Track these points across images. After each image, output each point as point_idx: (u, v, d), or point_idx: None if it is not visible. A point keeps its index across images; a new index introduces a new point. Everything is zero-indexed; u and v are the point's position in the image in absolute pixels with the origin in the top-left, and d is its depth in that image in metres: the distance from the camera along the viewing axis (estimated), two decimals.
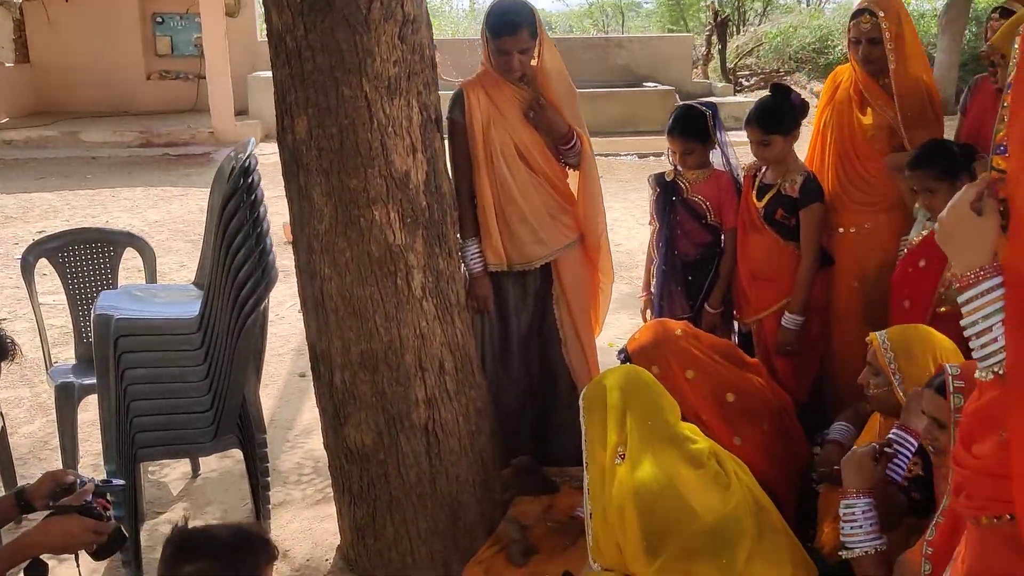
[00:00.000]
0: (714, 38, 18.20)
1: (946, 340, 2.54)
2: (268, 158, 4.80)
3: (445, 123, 3.17)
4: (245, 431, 3.01)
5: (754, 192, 3.37)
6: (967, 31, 15.28)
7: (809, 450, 2.99)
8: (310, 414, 4.35)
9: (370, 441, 2.86)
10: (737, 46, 18.83)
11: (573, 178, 3.34)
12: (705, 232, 3.46)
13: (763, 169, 3.37)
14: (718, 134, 3.41)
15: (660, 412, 2.37)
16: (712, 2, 20.51)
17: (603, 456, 2.35)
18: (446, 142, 3.12)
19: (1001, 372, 1.34)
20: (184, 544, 1.73)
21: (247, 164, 2.75)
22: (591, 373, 3.43)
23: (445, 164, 2.99)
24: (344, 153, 2.71)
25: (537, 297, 3.35)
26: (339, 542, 3.13)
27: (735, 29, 20.06)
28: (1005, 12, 2.90)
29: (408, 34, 2.75)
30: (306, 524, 3.31)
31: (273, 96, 2.85)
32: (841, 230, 3.34)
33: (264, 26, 3.65)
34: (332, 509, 3.37)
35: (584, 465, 2.44)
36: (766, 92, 3.54)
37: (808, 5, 23.23)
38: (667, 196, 3.48)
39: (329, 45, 2.64)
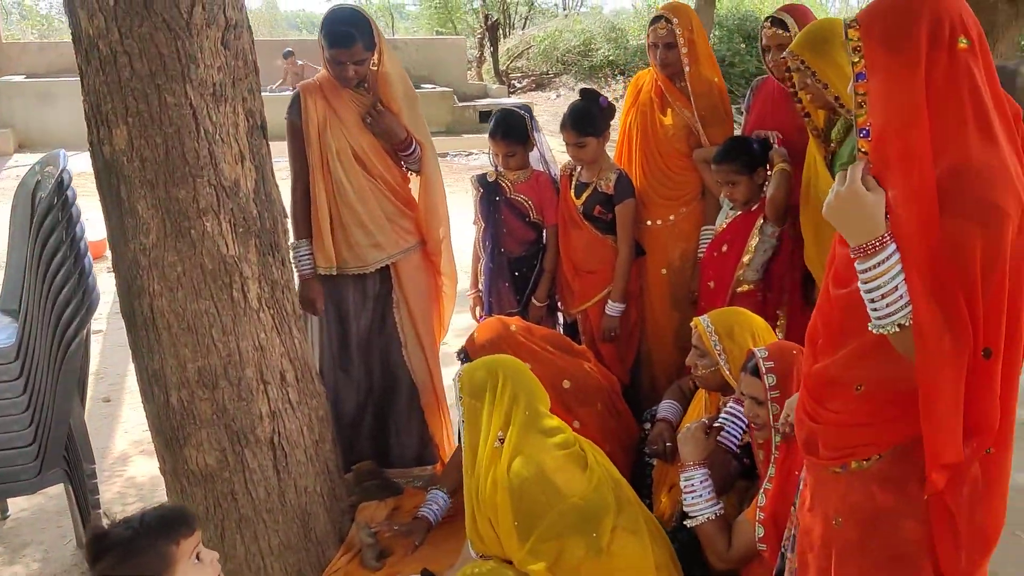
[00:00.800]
0: (486, 41, 18.67)
1: (759, 319, 2.81)
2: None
3: (286, 124, 3.12)
4: (72, 463, 2.81)
5: (572, 190, 3.54)
6: (711, 36, 16.59)
7: (638, 428, 3.19)
8: (123, 439, 4.12)
9: (213, 461, 2.76)
10: (507, 49, 19.42)
11: (416, 182, 3.37)
12: (529, 229, 3.60)
13: (578, 169, 3.55)
14: (536, 136, 3.55)
15: (537, 401, 2.47)
16: (481, 6, 21.03)
17: (480, 439, 2.42)
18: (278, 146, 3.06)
19: (907, 323, 1.51)
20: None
21: (61, 179, 2.57)
22: (433, 376, 3.48)
23: (272, 171, 2.93)
24: (170, 163, 2.60)
25: (377, 300, 3.35)
26: None
27: (504, 32, 20.67)
28: (776, 22, 3.22)
29: (231, 39, 2.68)
30: None
31: (84, 104, 2.68)
32: (649, 223, 3.58)
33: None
34: None
35: (461, 446, 2.49)
36: (539, 92, 3.78)
37: (566, 11, 24.30)
38: (490, 196, 3.58)
39: (149, 51, 2.52)
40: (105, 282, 3.69)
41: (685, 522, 2.47)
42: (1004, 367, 1.57)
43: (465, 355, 3.03)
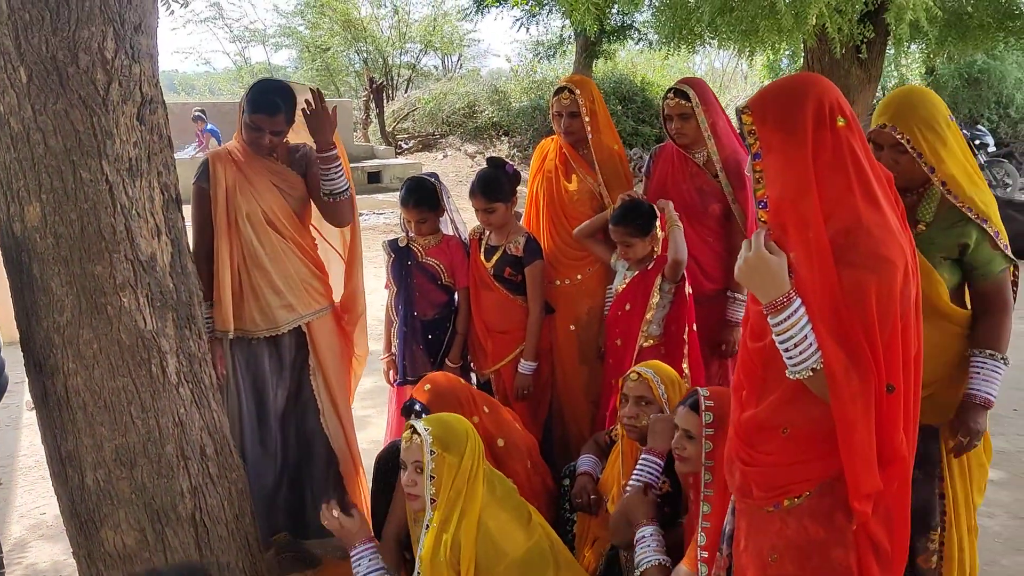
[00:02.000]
0: (371, 103, 18.81)
1: (675, 372, 2.97)
2: None
3: (193, 189, 3.12)
4: None
5: (482, 253, 3.64)
6: None
7: (556, 483, 3.27)
8: (19, 524, 3.93)
9: (132, 541, 2.69)
10: (393, 111, 19.61)
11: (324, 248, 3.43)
12: (441, 292, 3.67)
13: (487, 232, 3.66)
14: (446, 201, 3.65)
15: (482, 458, 2.52)
16: (363, 69, 21.20)
17: (449, 492, 2.44)
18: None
19: (818, 367, 1.70)
20: None
21: None
22: (349, 442, 3.48)
23: (187, 243, 2.92)
24: (86, 239, 2.57)
25: (293, 368, 3.35)
26: None
27: (388, 95, 20.89)
28: (679, 92, 3.43)
29: (147, 115, 2.69)
30: None
31: None
32: (557, 283, 3.73)
33: None
34: None
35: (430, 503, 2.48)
36: (426, 153, 3.96)
37: (447, 72, 24.76)
38: (402, 261, 3.65)
39: (64, 127, 2.51)
40: None
41: (637, 570, 2.51)
42: (904, 399, 1.76)
43: (422, 406, 3.01)
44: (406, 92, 21.90)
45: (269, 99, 3.14)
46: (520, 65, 21.25)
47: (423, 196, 3.57)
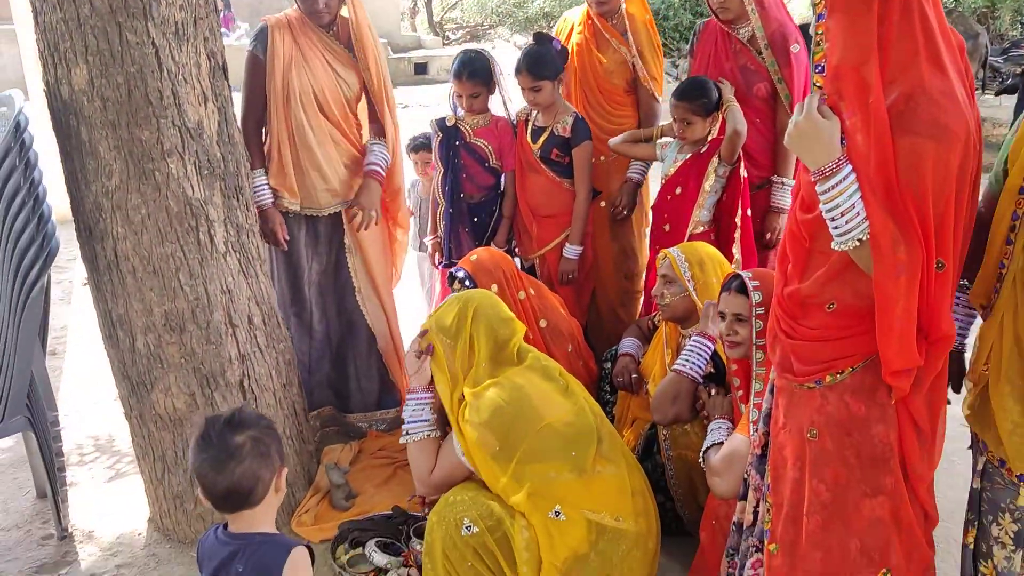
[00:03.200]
0: None
1: (720, 254, 2.91)
2: None
3: (247, 56, 3.08)
4: (35, 411, 2.77)
5: (528, 135, 3.57)
6: None
7: (599, 366, 3.28)
8: (73, 391, 4.06)
9: (182, 404, 2.76)
10: (442, 0, 19.16)
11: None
12: (488, 174, 3.61)
13: (534, 113, 3.57)
14: (499, 79, 3.56)
15: (509, 331, 2.52)
16: None
17: (454, 373, 2.46)
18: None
19: (864, 238, 1.64)
20: (231, 419, 1.83)
21: (18, 121, 2.50)
22: (390, 321, 3.50)
23: (234, 113, 2.89)
24: (133, 103, 2.55)
25: (329, 244, 3.36)
26: (148, 515, 2.98)
27: None
28: None
29: None
30: (104, 503, 3.11)
31: (39, 43, 2.61)
32: (592, 160, 3.63)
33: None
34: (126, 485, 3.23)
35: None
36: (474, 44, 3.81)
37: None
38: (449, 141, 3.59)
39: None
40: None
41: (706, 452, 2.50)
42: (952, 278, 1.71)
43: (466, 274, 3.02)
44: None
45: None
46: None
47: (477, 69, 3.48)
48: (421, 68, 15.52)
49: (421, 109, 12.42)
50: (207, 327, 2.73)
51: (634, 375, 2.98)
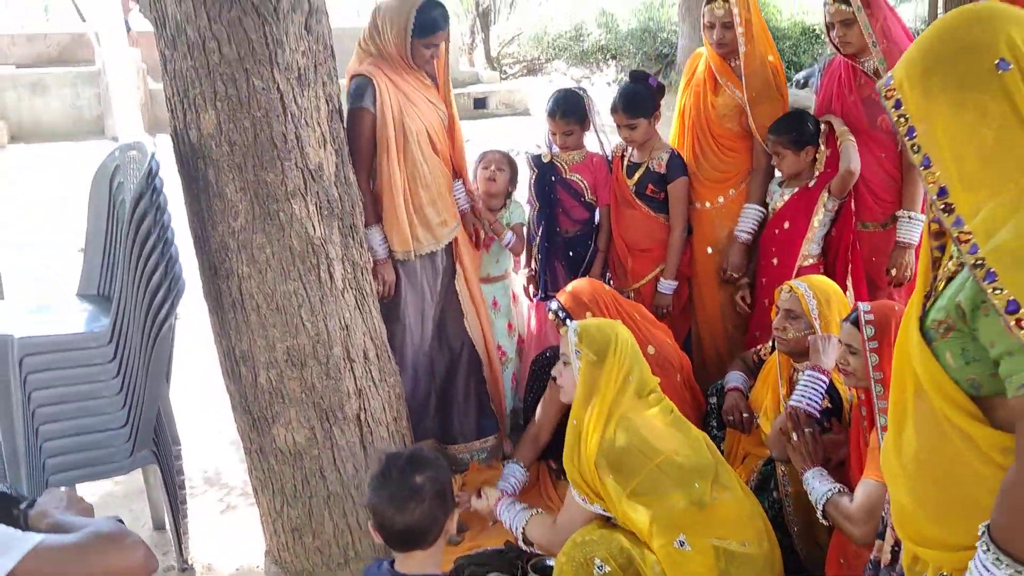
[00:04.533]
0: (476, 27, 18.62)
1: (841, 291, 2.91)
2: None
3: (348, 112, 3.16)
4: (160, 444, 2.86)
5: (624, 170, 3.60)
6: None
7: (705, 400, 3.27)
8: (183, 423, 4.14)
9: (302, 438, 2.81)
10: (498, 34, 19.36)
11: None
12: (583, 209, 3.66)
13: (630, 149, 3.61)
14: (593, 115, 3.61)
15: (645, 370, 2.55)
16: None
17: (595, 395, 2.48)
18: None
19: None
20: (411, 458, 1.93)
21: (151, 167, 2.60)
22: (488, 344, 3.55)
23: (348, 154, 2.97)
24: (259, 146, 2.64)
25: (444, 275, 3.44)
26: (265, 548, 3.04)
27: (493, 18, 20.63)
28: None
29: (313, 24, 2.72)
30: (223, 535, 3.18)
31: (167, 90, 2.72)
32: (698, 205, 3.64)
33: None
34: (242, 517, 3.29)
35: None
36: (531, 78, 3.90)
37: None
38: (545, 176, 3.64)
39: (237, 35, 2.56)
40: None
41: (822, 520, 2.47)
42: None
43: (560, 306, 3.09)
44: (510, 15, 21.59)
45: (441, 14, 3.20)
46: None
47: (571, 107, 3.54)
48: (480, 103, 15.66)
49: (483, 144, 12.54)
50: (327, 362, 2.80)
51: (744, 413, 2.97)
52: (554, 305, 3.09)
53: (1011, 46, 1.39)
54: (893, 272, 3.30)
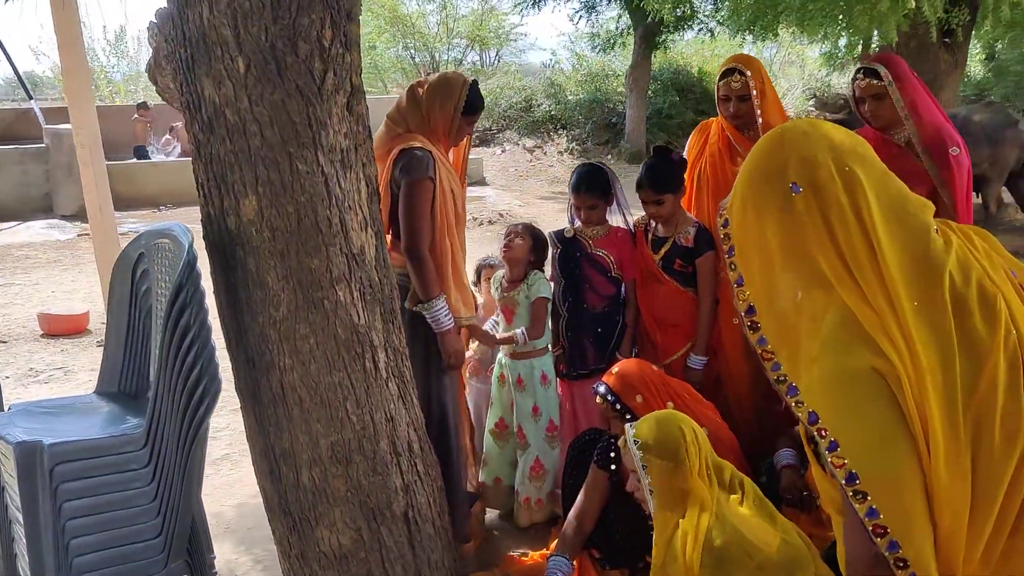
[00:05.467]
0: None
1: None
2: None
3: (411, 183, 3.07)
4: (194, 553, 2.64)
5: (649, 245, 3.55)
6: (648, 89, 17.11)
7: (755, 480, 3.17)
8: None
9: (348, 540, 2.63)
10: None
11: None
12: (610, 284, 3.59)
13: (653, 223, 3.57)
14: (617, 190, 3.57)
15: (711, 457, 2.44)
16: (414, 66, 21.15)
17: (676, 502, 2.37)
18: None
19: None
20: None
21: (190, 256, 2.46)
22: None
23: (384, 236, 2.86)
24: (302, 232, 2.51)
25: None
26: None
27: None
28: (869, 72, 3.28)
29: (354, 105, 2.63)
30: None
31: (200, 175, 2.58)
32: (723, 276, 3.59)
33: None
34: None
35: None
36: (484, 148, 3.95)
37: (492, 68, 24.56)
38: (569, 252, 3.57)
39: (280, 118, 2.46)
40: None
41: None
42: None
43: (607, 388, 3.02)
44: None
45: (479, 92, 3.25)
46: (572, 58, 21.14)
47: (595, 181, 3.50)
48: None
49: None
50: (373, 457, 2.64)
51: (804, 492, 2.88)
52: (602, 389, 3.00)
53: (801, 166, 1.48)
54: None
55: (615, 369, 3.06)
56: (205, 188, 2.59)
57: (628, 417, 2.94)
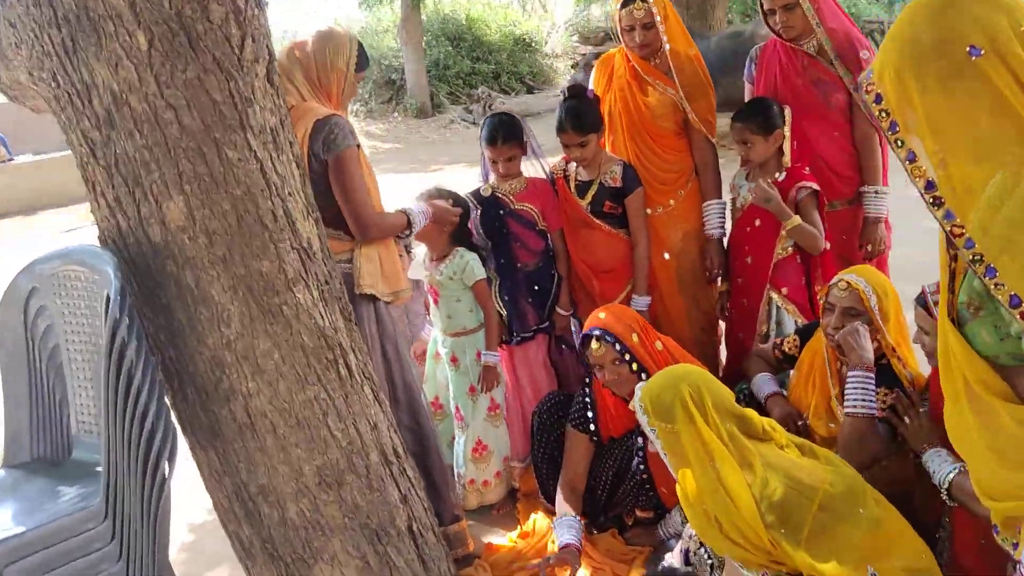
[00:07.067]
0: None
1: (887, 279, 2.81)
2: None
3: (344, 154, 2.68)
4: None
5: (573, 191, 3.35)
6: (423, 41, 16.88)
7: None
8: None
9: (354, 571, 2.31)
10: None
11: None
12: (539, 239, 3.36)
13: (573, 168, 3.37)
14: (530, 139, 3.33)
15: (729, 403, 2.28)
16: None
17: (690, 461, 2.20)
18: None
19: None
20: None
21: (120, 283, 2.01)
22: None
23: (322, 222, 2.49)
24: (245, 231, 2.13)
25: None
26: None
27: None
28: None
29: (273, 75, 2.25)
30: None
31: (100, 183, 2.12)
32: (649, 211, 3.43)
33: None
34: None
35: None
36: None
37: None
38: (491, 212, 3.31)
39: (198, 99, 2.05)
40: None
41: (948, 502, 2.36)
42: None
43: (602, 331, 2.85)
44: None
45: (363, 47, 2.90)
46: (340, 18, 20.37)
47: (511, 131, 3.23)
48: None
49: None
50: (367, 472, 2.32)
51: (799, 421, 2.81)
52: (597, 333, 2.79)
53: (980, 29, 1.41)
54: (869, 248, 3.31)
55: (601, 314, 2.88)
56: (109, 197, 2.13)
57: (628, 358, 2.77)
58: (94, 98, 2.05)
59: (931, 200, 1.40)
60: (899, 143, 1.44)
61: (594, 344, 2.80)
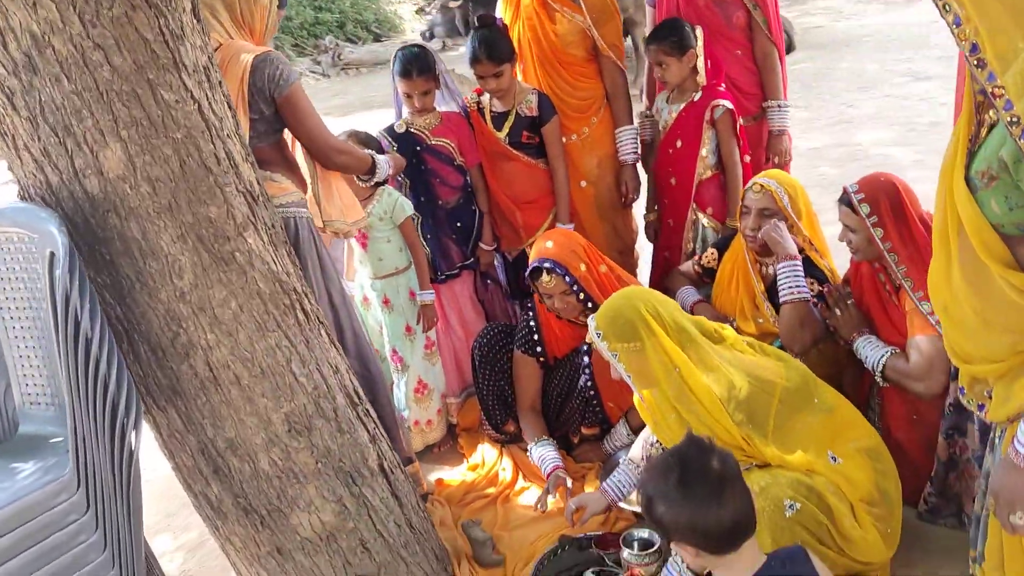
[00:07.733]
0: None
1: (797, 180, 2.94)
2: None
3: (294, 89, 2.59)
4: None
5: (489, 123, 3.33)
6: None
7: None
8: None
9: (331, 515, 2.27)
10: None
11: None
12: (457, 174, 3.33)
13: (487, 99, 3.35)
14: (443, 71, 3.27)
15: (679, 314, 2.35)
16: None
17: (658, 375, 2.26)
18: None
19: None
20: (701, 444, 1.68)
21: (69, 246, 1.88)
22: None
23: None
24: (189, 176, 2.02)
25: None
26: None
27: None
28: None
29: (199, 10, 2.13)
30: None
31: (25, 136, 1.96)
32: (564, 140, 3.45)
33: None
34: None
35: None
36: None
37: None
38: (407, 148, 3.25)
39: (128, 38, 1.92)
40: None
41: (881, 383, 2.51)
42: None
43: (553, 263, 2.86)
44: None
45: None
46: None
47: (425, 63, 3.16)
48: None
49: None
50: (336, 416, 2.28)
51: (730, 319, 2.93)
52: (548, 265, 2.80)
53: None
54: (776, 160, 3.44)
55: (547, 243, 2.89)
56: (34, 150, 1.98)
57: (575, 289, 2.81)
58: (9, 43, 1.88)
59: (975, 62, 1.41)
60: (946, 8, 1.43)
61: (545, 276, 2.84)
